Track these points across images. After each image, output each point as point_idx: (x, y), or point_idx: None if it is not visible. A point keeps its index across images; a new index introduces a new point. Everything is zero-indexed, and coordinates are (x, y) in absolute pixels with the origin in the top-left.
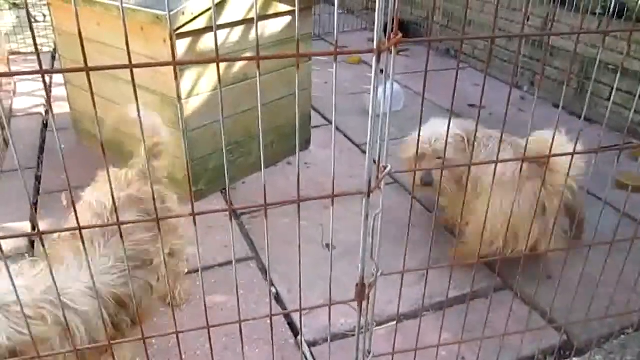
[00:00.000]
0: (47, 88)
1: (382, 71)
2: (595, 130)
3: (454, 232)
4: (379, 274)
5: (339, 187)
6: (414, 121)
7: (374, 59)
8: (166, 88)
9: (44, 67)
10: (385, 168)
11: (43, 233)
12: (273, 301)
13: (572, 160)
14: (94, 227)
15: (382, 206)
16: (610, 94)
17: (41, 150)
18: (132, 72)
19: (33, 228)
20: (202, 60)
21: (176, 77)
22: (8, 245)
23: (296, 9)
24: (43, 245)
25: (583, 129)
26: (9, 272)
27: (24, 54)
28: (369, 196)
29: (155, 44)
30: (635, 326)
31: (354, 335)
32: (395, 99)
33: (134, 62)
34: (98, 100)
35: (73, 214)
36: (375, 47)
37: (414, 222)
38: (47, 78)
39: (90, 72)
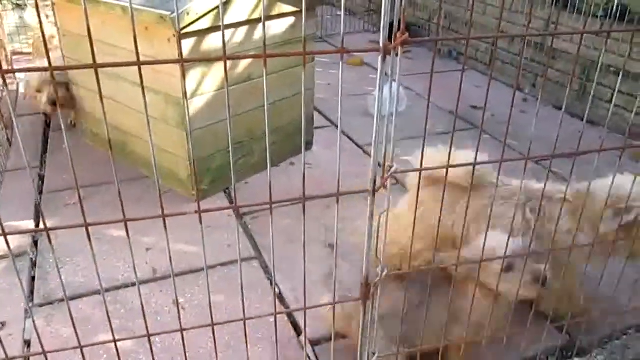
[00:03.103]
0: (55, 86)
1: (386, 73)
2: (596, 132)
3: None
4: (384, 274)
5: (342, 187)
6: (415, 122)
7: (380, 58)
8: (170, 88)
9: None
10: (390, 167)
11: (50, 229)
12: (276, 300)
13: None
14: (100, 224)
15: (388, 205)
16: (612, 96)
17: (44, 149)
18: (140, 69)
19: (37, 226)
20: (209, 59)
21: (183, 76)
22: (11, 243)
23: (303, 7)
24: (50, 242)
25: (583, 131)
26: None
27: (27, 54)
28: (374, 195)
29: (159, 44)
30: (637, 327)
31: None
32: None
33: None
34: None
35: None
36: (381, 46)
37: None
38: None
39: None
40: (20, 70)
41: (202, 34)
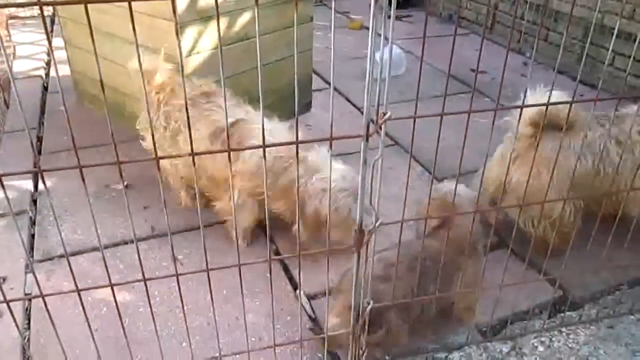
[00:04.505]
0: (45, 24)
1: (386, 39)
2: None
3: None
4: (378, 223)
5: (339, 147)
6: (414, 86)
7: None
8: (165, 45)
9: (43, 33)
10: (384, 114)
11: (43, 170)
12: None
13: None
14: (94, 165)
15: (381, 151)
16: (613, 59)
17: (42, 112)
18: (130, 4)
19: (36, 187)
20: None
21: (174, 11)
22: (11, 203)
23: None
24: (44, 182)
25: (583, 94)
26: None
27: (23, 18)
28: (367, 140)
29: (155, 2)
30: (629, 282)
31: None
32: (396, 63)
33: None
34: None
35: None
36: None
37: (413, 185)
38: (47, 43)
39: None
40: (12, 6)
41: None
